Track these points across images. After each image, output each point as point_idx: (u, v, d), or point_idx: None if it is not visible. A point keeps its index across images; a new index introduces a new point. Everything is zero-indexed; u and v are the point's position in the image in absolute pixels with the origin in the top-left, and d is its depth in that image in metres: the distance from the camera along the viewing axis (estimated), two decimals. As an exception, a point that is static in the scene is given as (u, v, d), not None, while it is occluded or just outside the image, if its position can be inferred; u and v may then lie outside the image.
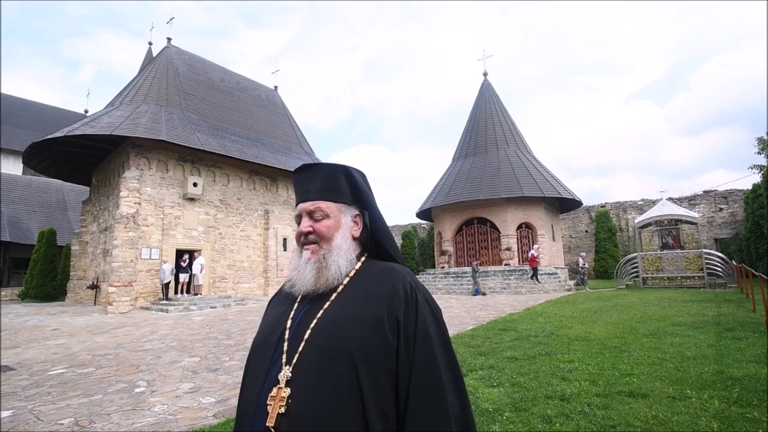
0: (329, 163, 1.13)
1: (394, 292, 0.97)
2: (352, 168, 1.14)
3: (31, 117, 30.31)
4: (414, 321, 0.95)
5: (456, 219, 22.14)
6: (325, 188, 1.08)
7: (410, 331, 0.94)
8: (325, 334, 0.93)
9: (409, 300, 0.97)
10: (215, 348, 6.99)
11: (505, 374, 4.60)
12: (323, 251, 1.03)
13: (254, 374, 0.97)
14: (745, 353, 5.05)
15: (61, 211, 25.30)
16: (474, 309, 11.59)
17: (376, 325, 0.92)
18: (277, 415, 0.86)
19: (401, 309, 0.95)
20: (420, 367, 0.91)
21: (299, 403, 0.86)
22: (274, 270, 18.60)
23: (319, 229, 1.05)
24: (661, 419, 3.17)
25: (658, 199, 23.88)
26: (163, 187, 15.50)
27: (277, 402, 0.87)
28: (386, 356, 0.90)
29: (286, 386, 0.88)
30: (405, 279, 1.01)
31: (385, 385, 0.89)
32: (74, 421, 3.73)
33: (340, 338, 0.91)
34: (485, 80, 25.19)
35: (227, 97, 20.72)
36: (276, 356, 0.95)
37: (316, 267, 1.02)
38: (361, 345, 0.89)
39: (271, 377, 0.92)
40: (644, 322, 7.79)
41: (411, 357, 0.92)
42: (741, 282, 12.89)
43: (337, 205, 1.07)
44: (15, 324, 10.84)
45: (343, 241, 1.05)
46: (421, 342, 0.93)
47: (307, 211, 1.07)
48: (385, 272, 1.04)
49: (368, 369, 0.88)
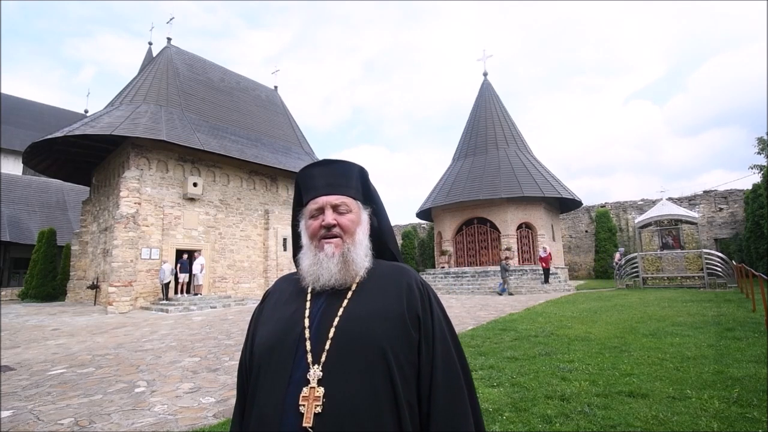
0: (346, 160, 1.14)
1: (410, 289, 1.00)
2: (363, 167, 1.16)
3: (31, 117, 30.30)
4: (431, 318, 0.99)
5: (456, 219, 22.14)
6: (347, 184, 1.10)
7: (429, 328, 0.98)
8: (352, 331, 0.93)
9: (423, 297, 1.01)
10: (215, 348, 6.99)
11: (505, 374, 4.60)
12: (347, 245, 1.03)
13: (274, 376, 0.93)
14: (745, 353, 5.05)
15: (61, 211, 25.31)
16: (474, 309, 11.59)
17: (400, 321, 0.95)
18: (314, 415, 0.85)
19: (419, 305, 0.99)
20: (440, 366, 0.95)
21: (335, 402, 0.86)
22: (274, 270, 18.60)
23: (344, 222, 1.04)
24: (661, 419, 3.16)
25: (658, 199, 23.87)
26: (163, 187, 15.50)
27: (312, 402, 0.86)
28: (410, 350, 0.94)
29: (318, 386, 0.87)
30: (416, 277, 1.05)
31: (410, 377, 0.93)
32: (74, 421, 3.73)
33: (369, 335, 0.92)
34: (485, 80, 25.20)
35: (227, 97, 20.72)
36: (299, 356, 0.92)
37: (343, 260, 1.01)
38: (390, 340, 0.92)
39: (297, 378, 0.90)
40: (644, 322, 7.79)
41: (431, 353, 0.96)
42: (741, 282, 12.89)
43: (357, 202, 1.09)
44: (15, 324, 10.84)
45: (364, 237, 1.07)
46: (440, 340, 0.98)
47: (332, 205, 1.05)
48: (396, 270, 1.07)
49: (398, 364, 0.91)
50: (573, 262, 26.89)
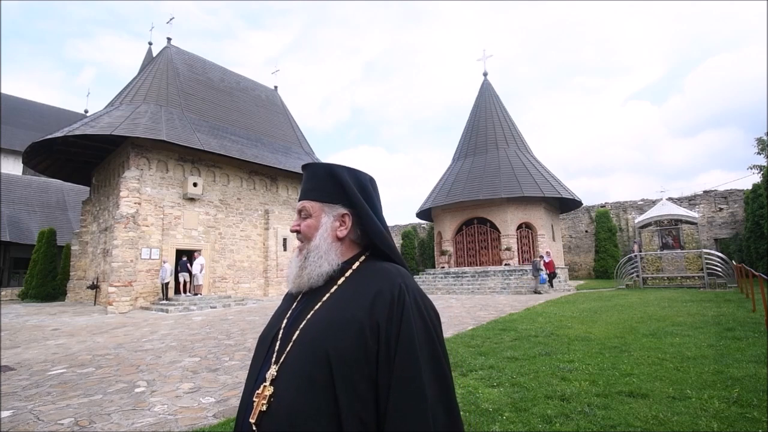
0: (319, 163, 1.13)
1: (378, 295, 0.93)
2: (341, 166, 1.10)
3: (31, 117, 30.31)
4: (398, 326, 0.89)
5: (456, 219, 22.14)
6: (312, 188, 1.09)
7: (392, 337, 0.88)
8: (308, 335, 0.93)
9: (394, 303, 0.92)
10: (215, 348, 6.99)
11: (505, 374, 4.60)
12: (306, 250, 1.06)
13: (252, 371, 1.01)
14: (745, 353, 5.04)
15: (61, 211, 25.31)
16: (474, 309, 11.59)
17: (356, 330, 0.89)
18: (259, 413, 0.88)
19: (384, 313, 0.91)
20: (399, 376, 0.86)
21: (278, 402, 0.88)
22: (274, 270, 18.60)
23: (302, 228, 1.08)
24: (661, 419, 3.17)
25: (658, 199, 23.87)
26: (163, 187, 15.50)
27: (261, 400, 0.89)
28: (365, 362, 0.87)
29: (270, 384, 0.90)
30: (394, 281, 0.96)
31: (363, 390, 0.86)
32: (74, 421, 3.73)
33: (320, 341, 0.90)
34: (485, 80, 25.20)
35: (227, 97, 20.72)
36: (269, 355, 0.98)
37: (299, 266, 1.05)
38: (338, 349, 0.87)
39: (262, 375, 0.95)
40: (644, 322, 7.79)
41: (392, 364, 0.87)
42: (741, 282, 12.89)
43: (321, 205, 1.07)
44: (15, 324, 10.84)
45: (321, 241, 1.04)
46: (404, 349, 0.87)
47: (297, 210, 1.12)
48: (377, 274, 1.00)
49: (344, 374, 0.85)
50: (573, 262, 26.89)
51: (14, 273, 23.14)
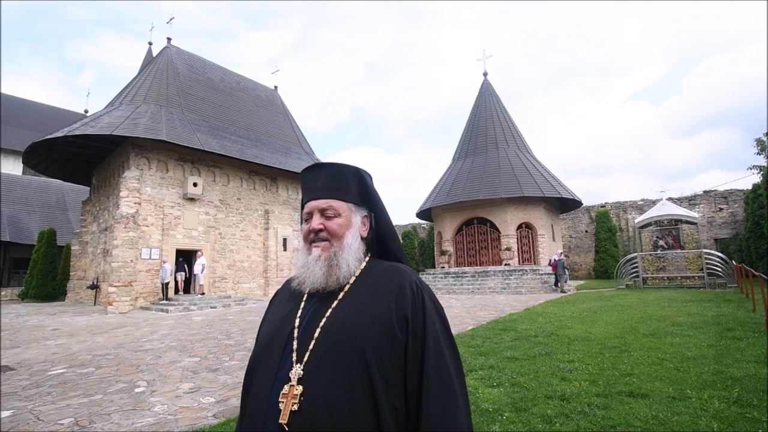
0: (341, 163, 1.14)
1: (401, 291, 0.99)
2: (362, 169, 1.15)
3: (31, 117, 30.30)
4: (422, 319, 0.98)
5: (456, 219, 22.14)
6: (337, 187, 1.10)
7: (419, 329, 0.96)
8: (335, 332, 0.95)
9: (416, 298, 0.99)
10: (215, 348, 6.99)
11: (505, 374, 4.60)
12: (334, 249, 1.05)
13: (263, 373, 0.98)
14: (745, 353, 5.04)
15: (61, 211, 25.31)
16: (474, 309, 11.59)
17: (386, 323, 0.94)
18: (289, 413, 0.87)
19: (409, 307, 0.97)
20: (431, 365, 0.94)
21: (312, 400, 0.88)
22: (274, 270, 18.60)
23: (331, 227, 1.06)
24: (661, 419, 3.17)
25: (658, 199, 23.86)
26: (163, 187, 15.50)
27: (290, 399, 0.88)
28: (395, 353, 0.93)
29: (298, 384, 0.90)
30: (411, 278, 1.03)
31: (394, 380, 0.92)
32: (74, 421, 3.73)
33: (350, 336, 0.93)
34: (485, 80, 25.20)
35: (227, 97, 20.72)
36: (285, 355, 0.96)
37: (327, 264, 1.03)
38: (371, 343, 0.92)
39: (282, 376, 0.93)
40: (644, 322, 7.79)
41: (421, 354, 0.94)
42: (741, 282, 12.88)
43: (348, 205, 1.09)
44: (15, 324, 10.84)
45: (353, 240, 1.07)
46: (431, 340, 0.96)
47: (319, 209, 1.08)
48: (391, 271, 1.06)
49: (379, 366, 0.90)
50: (573, 262, 26.87)
51: (14, 273, 23.14)
